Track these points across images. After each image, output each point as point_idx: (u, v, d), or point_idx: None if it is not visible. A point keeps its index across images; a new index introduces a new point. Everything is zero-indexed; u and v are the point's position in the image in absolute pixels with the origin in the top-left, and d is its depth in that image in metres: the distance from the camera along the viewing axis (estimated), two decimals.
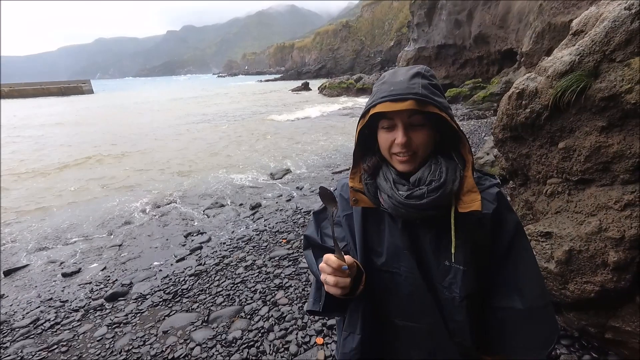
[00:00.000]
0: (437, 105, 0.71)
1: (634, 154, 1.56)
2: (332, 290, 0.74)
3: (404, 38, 38.44)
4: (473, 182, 0.75)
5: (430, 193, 0.73)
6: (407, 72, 0.76)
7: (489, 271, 0.80)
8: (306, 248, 0.98)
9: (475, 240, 0.77)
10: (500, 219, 0.78)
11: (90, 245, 4.67)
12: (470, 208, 0.73)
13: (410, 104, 0.70)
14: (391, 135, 0.76)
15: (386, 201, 0.78)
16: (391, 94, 0.72)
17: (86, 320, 2.95)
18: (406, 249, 0.80)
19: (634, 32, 1.56)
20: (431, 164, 0.77)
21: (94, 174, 8.48)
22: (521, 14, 14.80)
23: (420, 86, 0.72)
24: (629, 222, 1.52)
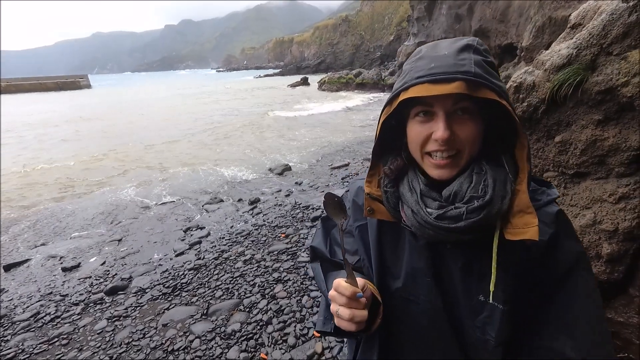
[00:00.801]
0: (495, 88, 0.53)
1: (629, 147, 1.56)
2: (345, 325, 0.59)
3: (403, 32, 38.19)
4: (528, 200, 0.55)
5: (471, 214, 0.55)
6: (452, 44, 0.57)
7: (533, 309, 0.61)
8: (313, 260, 0.84)
9: (520, 272, 0.59)
10: (558, 248, 0.59)
11: (89, 240, 4.69)
12: (523, 236, 0.54)
13: (459, 86, 0.51)
14: (427, 128, 0.58)
15: (409, 217, 0.62)
16: (431, 72, 0.54)
17: (86, 313, 2.98)
18: (429, 276, 0.64)
19: (631, 25, 1.55)
20: (472, 172, 0.59)
21: (94, 170, 8.48)
22: (522, 8, 14.70)
23: (473, 63, 0.53)
24: (623, 214, 1.54)
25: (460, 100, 0.55)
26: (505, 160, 0.59)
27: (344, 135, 10.65)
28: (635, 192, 1.55)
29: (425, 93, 0.53)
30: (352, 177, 6.28)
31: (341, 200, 0.64)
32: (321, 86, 28.00)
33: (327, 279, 0.77)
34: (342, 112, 15.82)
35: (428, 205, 0.59)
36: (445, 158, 0.58)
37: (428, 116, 0.58)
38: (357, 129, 11.68)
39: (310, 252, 0.86)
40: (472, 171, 0.59)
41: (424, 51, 0.60)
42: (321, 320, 0.77)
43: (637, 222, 1.51)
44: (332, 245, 0.83)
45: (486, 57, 0.57)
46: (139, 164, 8.72)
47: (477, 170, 0.59)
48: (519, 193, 0.57)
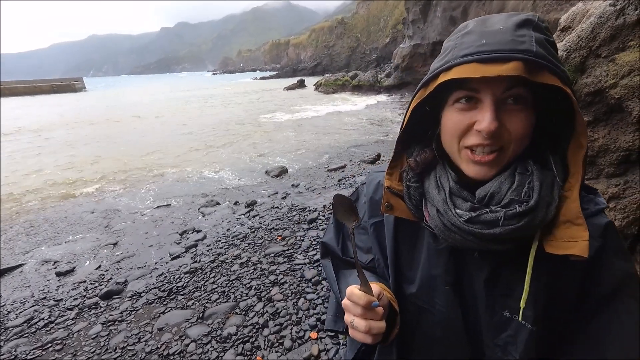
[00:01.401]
0: (559, 73, 0.44)
1: (618, 148, 1.59)
2: (360, 337, 0.53)
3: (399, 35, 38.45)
4: (579, 210, 0.47)
5: (510, 221, 0.47)
6: (508, 18, 0.48)
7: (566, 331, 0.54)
8: (324, 257, 0.78)
9: (556, 289, 0.51)
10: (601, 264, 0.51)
11: (84, 244, 4.65)
12: (569, 250, 0.46)
13: (516, 67, 0.43)
14: (468, 117, 0.49)
15: (433, 218, 0.54)
16: (482, 49, 0.45)
17: (80, 318, 2.95)
18: (448, 284, 0.57)
19: (618, 27, 1.58)
20: (514, 172, 0.50)
21: (88, 174, 8.42)
22: (515, 11, 14.87)
23: (534, 41, 0.45)
24: (613, 214, 1.56)
25: (514, 85, 0.46)
26: (554, 161, 0.51)
27: (341, 138, 10.68)
28: (625, 192, 1.57)
29: (473, 74, 0.44)
30: (348, 179, 6.30)
31: (351, 202, 0.58)
32: (317, 88, 28.09)
33: (338, 277, 0.72)
34: (339, 114, 15.86)
35: (457, 206, 0.52)
36: (488, 153, 0.49)
37: (471, 103, 0.49)
38: (353, 131, 11.71)
39: (321, 247, 0.79)
40: (514, 170, 0.50)
41: (471, 26, 0.50)
42: (331, 319, 0.72)
43: (627, 222, 1.54)
44: (345, 242, 0.76)
45: (549, 37, 0.47)
46: (133, 167, 8.67)
47: (522, 170, 0.50)
48: (568, 201, 0.48)
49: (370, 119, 13.83)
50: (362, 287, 0.54)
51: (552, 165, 0.51)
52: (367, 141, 9.91)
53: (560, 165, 0.51)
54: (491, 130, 0.46)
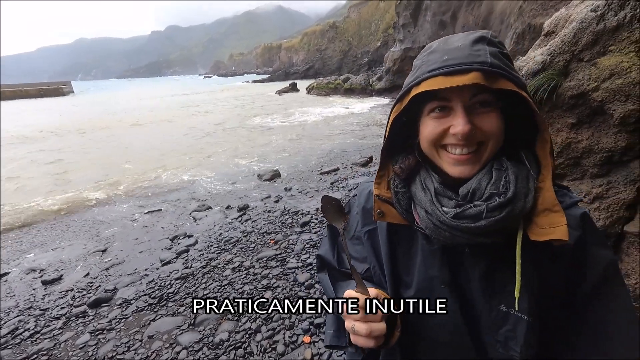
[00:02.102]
0: (512, 79, 0.50)
1: (601, 149, 1.63)
2: (362, 342, 0.54)
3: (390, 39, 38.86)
4: (554, 198, 0.52)
5: (492, 212, 0.51)
6: (465, 37, 0.55)
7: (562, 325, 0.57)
8: (320, 270, 0.79)
9: (545, 280, 0.55)
10: (585, 254, 0.55)
11: (72, 251, 4.55)
12: (550, 236, 0.50)
13: (475, 77, 0.49)
14: (443, 123, 0.55)
15: (423, 219, 0.57)
16: (445, 64, 0.51)
17: (68, 328, 2.88)
18: (445, 284, 0.59)
19: (599, 33, 1.63)
20: (492, 169, 0.55)
21: (75, 180, 8.26)
22: (503, 15, 15.19)
23: (488, 53, 0.51)
24: (597, 213, 1.60)
25: (478, 92, 0.52)
26: (526, 157, 0.56)
27: (333, 141, 10.71)
28: (608, 192, 1.61)
29: (440, 86, 0.50)
30: (341, 181, 6.31)
31: (339, 202, 0.60)
32: (310, 92, 28.17)
33: (336, 290, 0.72)
34: (331, 117, 15.91)
35: (444, 205, 0.55)
36: (466, 152, 0.54)
37: (445, 112, 0.55)
38: (346, 134, 11.76)
39: (317, 261, 0.81)
40: (491, 167, 0.55)
41: (435, 45, 0.57)
42: (331, 334, 0.71)
43: (610, 221, 1.57)
44: (340, 253, 0.78)
45: (501, 49, 0.54)
46: (122, 173, 8.54)
47: (497, 166, 0.55)
48: (543, 190, 0.53)
49: (363, 121, 13.91)
50: (358, 288, 0.54)
51: (525, 161, 0.56)
52: (360, 144, 9.96)
53: (534, 160, 0.56)
54: (465, 132, 0.52)
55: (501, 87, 0.50)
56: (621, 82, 1.51)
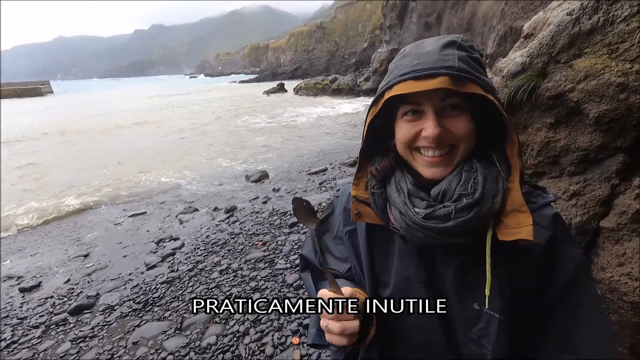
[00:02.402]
0: (479, 83, 0.52)
1: (578, 148, 1.69)
2: (336, 340, 0.54)
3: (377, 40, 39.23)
4: (521, 199, 0.53)
5: (460, 213, 0.52)
6: (436, 41, 0.56)
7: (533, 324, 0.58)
8: (303, 270, 0.81)
9: (516, 279, 0.56)
10: (556, 254, 0.56)
11: (52, 257, 4.39)
12: (516, 236, 0.51)
13: (442, 81, 0.50)
14: (415, 126, 0.56)
15: (397, 219, 0.59)
16: (415, 69, 0.52)
17: (47, 336, 2.77)
18: (420, 283, 0.60)
19: (575, 35, 1.69)
20: (462, 170, 0.56)
21: (53, 183, 7.99)
22: (485, 18, 15.57)
23: (457, 58, 0.52)
24: (575, 210, 1.65)
25: (448, 96, 0.54)
26: (497, 158, 0.57)
27: (321, 141, 10.72)
28: (585, 190, 1.67)
29: (410, 90, 0.52)
30: (329, 182, 6.32)
31: (310, 204, 0.62)
32: (297, 92, 28.10)
33: (317, 289, 0.73)
34: (319, 118, 15.93)
35: (416, 205, 0.57)
36: (438, 154, 0.56)
37: (417, 115, 0.56)
38: (334, 134, 11.79)
39: (300, 261, 0.82)
40: (461, 169, 0.56)
41: (408, 50, 0.59)
42: (313, 333, 0.72)
43: (587, 217, 1.63)
44: (323, 253, 0.78)
45: (471, 53, 0.55)
46: (105, 175, 8.31)
47: (467, 168, 0.56)
48: (512, 191, 0.54)
49: (351, 122, 13.98)
50: (331, 287, 0.56)
51: (496, 162, 0.57)
52: (348, 144, 10.01)
53: (504, 162, 0.57)
54: (435, 135, 0.53)
55: (469, 90, 0.51)
56: (595, 83, 1.57)
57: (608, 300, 1.54)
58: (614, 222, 1.55)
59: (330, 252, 0.78)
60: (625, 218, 1.51)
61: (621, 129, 1.55)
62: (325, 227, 0.80)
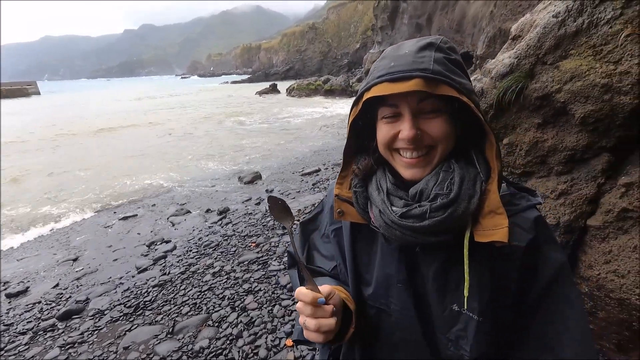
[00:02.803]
0: (454, 85, 0.52)
1: (565, 148, 1.72)
2: (313, 337, 0.55)
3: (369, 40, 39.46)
4: (498, 201, 0.53)
5: (435, 213, 0.53)
6: (415, 43, 0.57)
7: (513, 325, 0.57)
8: (290, 267, 0.82)
9: (497, 281, 0.56)
10: (537, 257, 0.56)
11: (39, 261, 4.29)
12: (491, 237, 0.51)
13: (416, 83, 0.51)
14: (394, 127, 0.57)
15: (377, 218, 0.59)
16: (390, 71, 0.53)
17: (35, 343, 2.71)
18: (400, 282, 0.61)
19: (561, 37, 1.73)
20: (440, 170, 0.57)
21: (40, 186, 7.82)
22: (475, 20, 15.78)
23: (432, 60, 0.53)
24: (563, 209, 1.69)
25: (424, 98, 0.54)
26: (477, 159, 0.57)
27: (314, 142, 10.72)
28: (572, 189, 1.71)
29: (385, 92, 0.53)
30: (322, 182, 6.32)
31: (285, 203, 0.63)
32: (290, 93, 28.06)
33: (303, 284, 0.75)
34: (312, 119, 15.93)
35: (394, 204, 0.57)
36: (415, 155, 0.56)
37: (395, 117, 0.57)
38: (327, 135, 11.81)
39: (288, 258, 0.84)
40: (439, 169, 0.57)
41: (387, 52, 0.60)
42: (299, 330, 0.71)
43: (574, 216, 1.67)
44: (311, 251, 0.80)
45: (449, 55, 0.55)
46: (94, 177, 8.16)
47: (445, 168, 0.57)
48: (489, 193, 0.54)
49: (343, 123, 14.01)
50: (308, 284, 0.56)
51: (476, 163, 0.58)
52: (341, 145, 10.01)
53: (484, 163, 0.57)
54: (410, 137, 0.54)
55: (443, 93, 0.52)
56: (581, 84, 1.60)
57: (595, 297, 1.58)
58: (600, 220, 1.59)
59: (317, 250, 0.79)
60: (611, 216, 1.54)
61: (606, 129, 1.58)
62: (314, 225, 0.81)
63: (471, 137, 0.59)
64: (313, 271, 0.78)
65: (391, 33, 23.15)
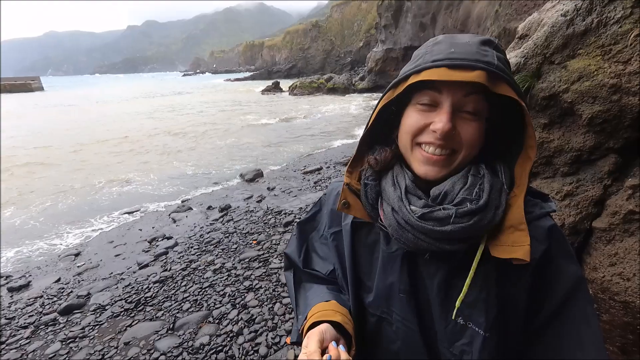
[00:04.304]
0: (515, 87, 0.49)
1: (571, 149, 1.70)
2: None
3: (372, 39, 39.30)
4: (522, 217, 0.50)
5: (461, 218, 0.49)
6: (473, 36, 0.53)
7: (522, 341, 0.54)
8: (287, 269, 0.79)
9: (506, 295, 0.52)
10: (551, 270, 0.52)
11: (41, 255, 4.31)
12: (512, 254, 0.48)
13: (480, 75, 0.47)
14: (426, 117, 0.52)
15: (388, 216, 0.55)
16: (452, 56, 0.49)
17: (36, 337, 2.72)
18: (403, 292, 0.57)
19: (569, 36, 1.70)
20: (468, 173, 0.53)
21: (47, 177, 7.84)
22: (480, 19, 15.68)
23: (496, 57, 0.50)
24: (568, 210, 1.67)
25: (473, 92, 0.50)
26: (502, 168, 0.54)
27: (316, 140, 10.71)
28: (578, 190, 1.69)
29: (442, 77, 0.48)
30: (324, 181, 6.31)
31: None
32: (292, 91, 28.02)
33: (298, 291, 0.73)
34: (315, 116, 15.91)
35: (412, 203, 0.53)
36: (440, 153, 0.52)
37: (431, 106, 0.52)
38: (329, 133, 11.79)
39: (285, 259, 0.80)
40: (468, 172, 0.53)
41: (441, 38, 0.54)
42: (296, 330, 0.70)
43: (580, 217, 1.65)
44: (309, 252, 0.76)
45: (505, 57, 0.53)
46: (98, 173, 8.19)
47: (475, 172, 0.53)
48: (513, 208, 0.51)
49: (346, 121, 13.99)
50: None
51: (501, 174, 0.54)
52: (343, 143, 10.02)
53: (508, 175, 0.54)
54: (445, 131, 0.49)
55: (503, 92, 0.48)
56: (589, 84, 1.58)
57: (599, 300, 1.56)
58: (606, 222, 1.57)
59: (316, 252, 0.76)
60: (617, 218, 1.52)
61: (613, 130, 1.56)
62: (313, 225, 0.77)
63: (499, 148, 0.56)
64: (310, 275, 0.75)
65: (395, 32, 23.05)
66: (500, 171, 0.54)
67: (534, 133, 0.51)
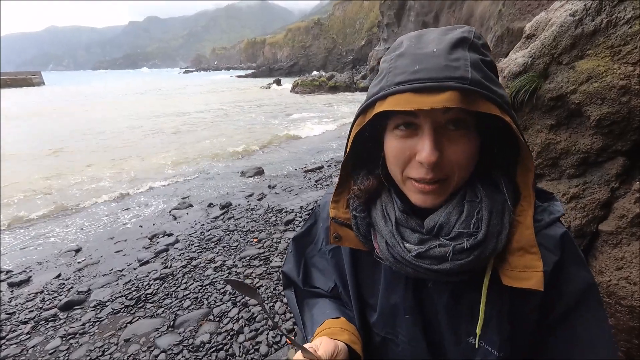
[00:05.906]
0: (496, 100, 0.42)
1: (578, 150, 1.68)
2: None
3: (374, 37, 39.16)
4: (532, 238, 0.46)
5: (459, 255, 0.46)
6: (442, 36, 0.45)
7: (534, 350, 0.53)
8: (287, 287, 0.76)
9: (517, 313, 0.50)
10: (562, 279, 0.50)
11: (42, 251, 4.31)
12: (523, 283, 0.45)
13: (451, 97, 0.40)
14: (409, 145, 0.47)
15: (383, 251, 0.52)
16: (415, 77, 0.42)
17: (36, 332, 2.72)
18: (408, 313, 0.55)
19: (577, 37, 1.68)
20: (463, 201, 0.49)
21: (46, 170, 7.84)
22: (483, 19, 15.58)
23: (470, 65, 0.42)
24: (574, 213, 1.65)
25: (452, 109, 0.43)
26: (505, 184, 0.49)
27: (317, 139, 10.69)
28: (584, 192, 1.67)
29: (407, 106, 0.42)
30: (325, 180, 6.30)
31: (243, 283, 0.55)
32: (294, 88, 27.93)
33: (302, 310, 0.70)
34: (315, 115, 15.87)
35: (406, 239, 0.49)
36: (431, 183, 0.47)
37: (411, 129, 0.46)
38: (331, 132, 11.77)
39: (283, 277, 0.76)
40: (463, 198, 0.48)
41: (405, 45, 0.46)
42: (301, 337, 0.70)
43: (586, 220, 1.63)
44: (308, 268, 0.72)
45: (485, 56, 0.45)
46: (97, 169, 8.18)
47: (470, 196, 0.48)
48: (521, 226, 0.47)
49: (347, 119, 13.95)
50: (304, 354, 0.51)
51: (503, 188, 0.49)
52: (344, 142, 9.98)
53: (511, 187, 0.50)
54: (431, 162, 0.44)
55: (482, 110, 0.42)
56: (597, 85, 1.56)
57: (605, 304, 1.55)
58: (613, 225, 1.55)
59: (315, 267, 0.71)
60: (625, 222, 1.51)
61: (622, 132, 1.54)
62: (309, 239, 0.73)
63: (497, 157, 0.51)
64: (312, 293, 0.72)
65: (397, 30, 22.96)
66: (501, 184, 0.49)
67: (525, 144, 0.46)
